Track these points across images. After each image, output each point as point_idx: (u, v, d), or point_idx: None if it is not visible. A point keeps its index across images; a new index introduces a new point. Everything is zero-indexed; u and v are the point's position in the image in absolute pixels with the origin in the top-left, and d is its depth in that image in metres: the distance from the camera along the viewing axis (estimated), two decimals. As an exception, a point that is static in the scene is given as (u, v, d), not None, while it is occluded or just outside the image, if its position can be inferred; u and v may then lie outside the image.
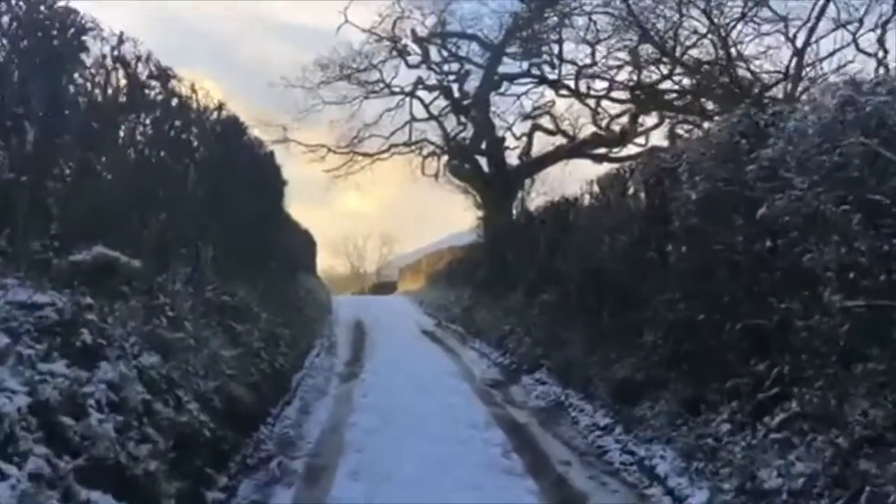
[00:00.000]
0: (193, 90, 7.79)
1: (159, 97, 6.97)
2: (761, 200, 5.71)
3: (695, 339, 6.71)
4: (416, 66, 22.04)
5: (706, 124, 15.01)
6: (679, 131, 20.11)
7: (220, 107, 9.19)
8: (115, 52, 5.91)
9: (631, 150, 21.56)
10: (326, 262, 67.58)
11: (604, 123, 21.78)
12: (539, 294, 13.51)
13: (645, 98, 18.00)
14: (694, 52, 16.54)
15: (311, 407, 9.04)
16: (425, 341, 16.36)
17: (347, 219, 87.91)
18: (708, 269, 6.58)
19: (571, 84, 19.93)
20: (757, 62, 16.04)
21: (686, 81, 17.47)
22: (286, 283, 13.73)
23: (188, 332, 6.01)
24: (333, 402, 9.46)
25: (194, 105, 7.86)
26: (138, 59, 6.28)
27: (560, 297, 11.75)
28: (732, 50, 14.95)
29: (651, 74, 18.13)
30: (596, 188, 10.56)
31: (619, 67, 18.71)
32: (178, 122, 7.32)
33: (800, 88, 13.67)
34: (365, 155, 23.38)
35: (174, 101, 7.29)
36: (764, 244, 5.77)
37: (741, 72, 15.30)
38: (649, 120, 20.93)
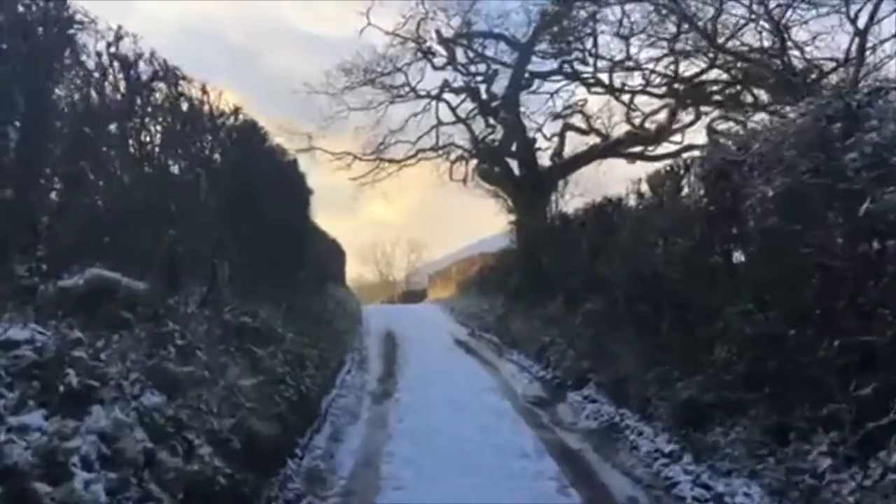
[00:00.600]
0: (205, 92, 7.11)
1: (167, 100, 6.30)
2: (864, 193, 4.83)
3: (779, 356, 5.81)
4: (442, 68, 21.40)
5: (758, 116, 14.02)
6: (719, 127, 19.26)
7: (237, 111, 8.55)
8: (112, 49, 5.23)
9: (668, 147, 20.72)
10: (355, 271, 67.38)
11: (637, 121, 20.88)
12: (581, 302, 12.64)
13: (684, 92, 17.00)
14: (740, 40, 15.51)
15: (342, 434, 8.30)
16: (459, 353, 15.57)
17: (375, 227, 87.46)
18: (793, 275, 5.68)
19: (605, 80, 19.05)
20: (808, 48, 14.95)
21: (728, 72, 16.42)
22: (314, 297, 13.08)
23: (201, 363, 5.30)
24: (366, 427, 8.72)
25: (206, 109, 7.17)
26: (139, 57, 5.61)
27: (606, 306, 10.87)
28: (784, 35, 13.86)
29: (690, 66, 17.17)
30: (644, 187, 9.68)
31: (657, 60, 17.76)
32: (188, 127, 6.62)
33: (861, 73, 12.60)
34: (391, 161, 22.76)
35: (184, 105, 6.62)
36: (870, 245, 4.87)
37: (794, 58, 14.22)
38: (684, 117, 19.97)
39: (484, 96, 20.80)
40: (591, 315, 11.73)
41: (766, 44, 14.81)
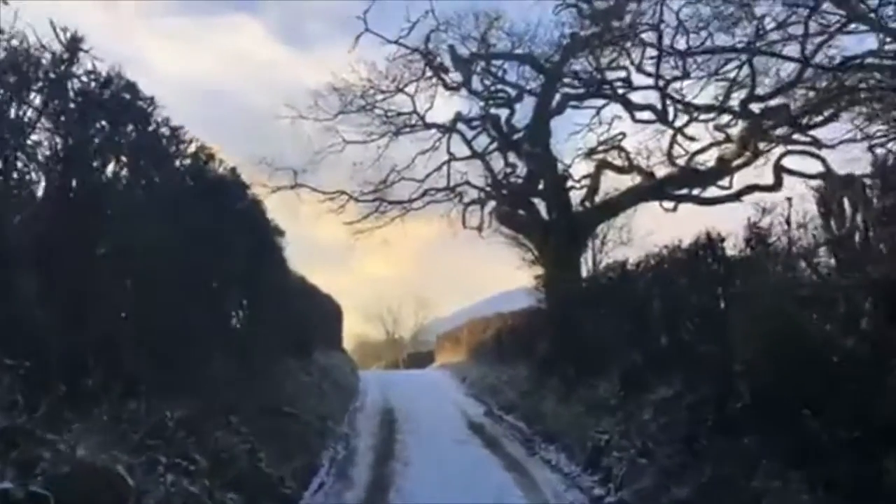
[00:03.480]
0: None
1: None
2: None
3: None
4: (456, 89, 17.76)
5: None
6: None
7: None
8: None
9: (714, 191, 17.27)
10: (359, 329, 63.72)
11: (682, 160, 17.54)
12: (648, 385, 9.10)
13: (764, 113, 13.62)
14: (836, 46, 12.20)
15: None
16: (476, 446, 11.83)
17: (376, 282, 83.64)
18: None
19: (650, 105, 15.73)
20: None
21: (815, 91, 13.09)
22: (276, 375, 9.51)
23: None
24: None
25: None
26: None
27: (703, 397, 7.30)
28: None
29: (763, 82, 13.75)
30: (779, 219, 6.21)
31: (717, 76, 14.28)
32: None
33: None
34: (394, 203, 19.34)
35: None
36: None
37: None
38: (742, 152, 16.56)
39: (505, 128, 17.46)
40: (671, 407, 8.15)
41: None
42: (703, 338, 7.42)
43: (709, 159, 17.30)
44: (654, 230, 20.20)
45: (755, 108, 13.95)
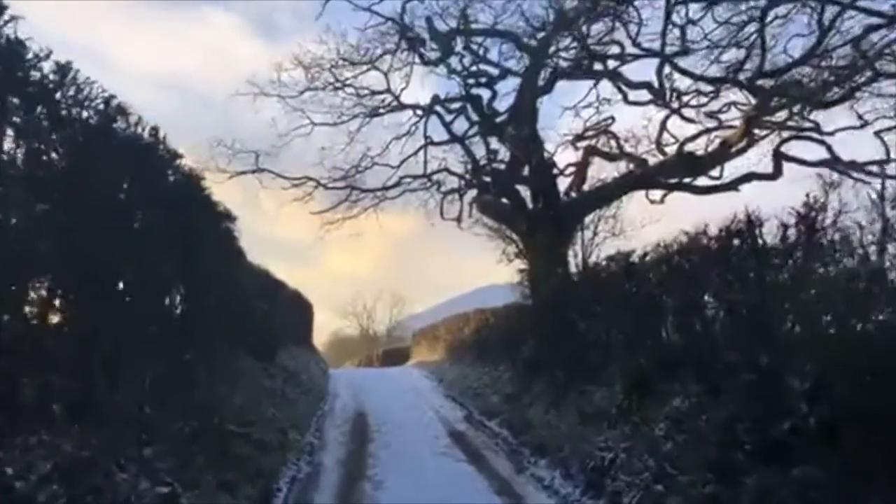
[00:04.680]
0: None
1: None
2: None
3: None
4: (434, 64, 16.33)
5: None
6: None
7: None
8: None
9: (705, 179, 16.11)
10: (334, 325, 62.26)
11: (670, 147, 16.33)
12: (659, 392, 7.88)
13: (774, 89, 12.33)
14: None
15: None
16: (458, 460, 10.51)
17: (350, 279, 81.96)
18: None
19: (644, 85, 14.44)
20: None
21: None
22: (231, 382, 8.08)
23: None
24: None
25: None
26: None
27: (732, 414, 6.06)
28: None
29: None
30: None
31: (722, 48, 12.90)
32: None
33: None
34: (367, 191, 17.77)
35: None
36: None
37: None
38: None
39: (486, 111, 16.02)
40: (690, 422, 6.91)
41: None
42: (734, 340, 6.16)
43: (698, 148, 16.17)
44: (644, 222, 19.15)
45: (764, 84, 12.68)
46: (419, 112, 17.25)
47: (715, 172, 15.94)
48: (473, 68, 16.25)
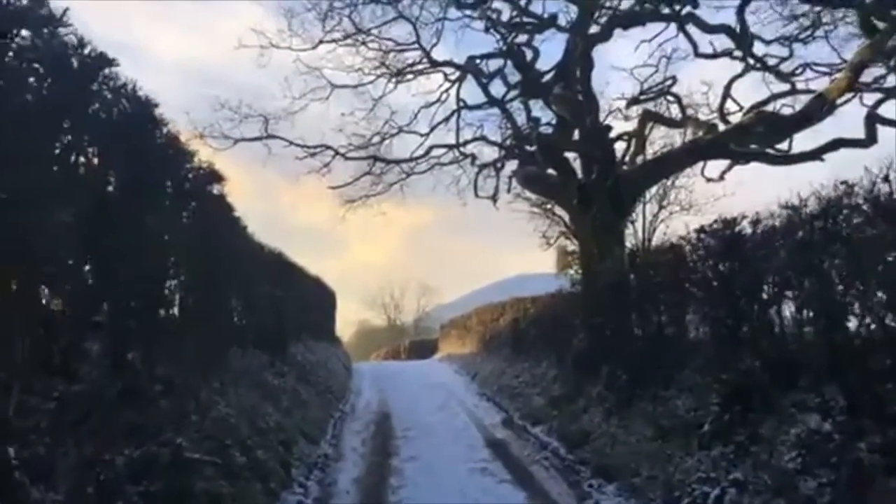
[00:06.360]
0: None
1: None
2: None
3: None
4: (472, 7, 14.05)
5: None
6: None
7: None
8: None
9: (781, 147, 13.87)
10: (361, 315, 60.79)
11: (732, 116, 14.12)
12: (773, 409, 5.87)
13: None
14: None
15: None
16: (502, 481, 8.48)
17: (376, 268, 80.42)
18: None
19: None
20: None
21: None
22: (219, 385, 6.19)
23: None
24: None
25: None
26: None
27: None
28: None
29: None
30: None
31: None
32: None
33: None
34: (392, 162, 15.51)
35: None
36: None
37: None
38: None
39: (529, 71, 13.83)
40: (840, 451, 4.89)
41: None
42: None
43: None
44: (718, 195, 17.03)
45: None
46: (451, 76, 15.16)
47: (783, 145, 13.79)
48: (515, 21, 14.05)
